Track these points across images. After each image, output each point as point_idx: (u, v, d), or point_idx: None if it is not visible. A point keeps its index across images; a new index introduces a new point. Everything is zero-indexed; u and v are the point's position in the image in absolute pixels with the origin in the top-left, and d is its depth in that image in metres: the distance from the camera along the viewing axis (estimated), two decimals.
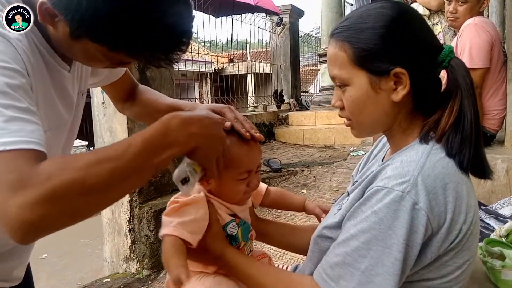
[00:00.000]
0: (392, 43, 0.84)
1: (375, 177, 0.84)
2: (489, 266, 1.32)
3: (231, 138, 0.96)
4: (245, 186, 1.00)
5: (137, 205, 2.86)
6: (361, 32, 0.85)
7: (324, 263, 0.84)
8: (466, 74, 0.87)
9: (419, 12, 3.96)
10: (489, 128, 2.66)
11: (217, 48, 11.23)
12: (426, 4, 3.87)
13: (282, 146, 6.37)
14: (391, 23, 0.84)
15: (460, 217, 0.80)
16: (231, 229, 1.01)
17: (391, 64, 0.84)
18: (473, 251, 0.87)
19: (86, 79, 1.06)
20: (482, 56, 2.51)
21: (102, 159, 0.66)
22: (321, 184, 4.14)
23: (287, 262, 2.39)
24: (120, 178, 0.67)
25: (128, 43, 0.75)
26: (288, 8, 8.60)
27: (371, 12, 0.87)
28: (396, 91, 0.86)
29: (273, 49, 9.00)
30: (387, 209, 0.76)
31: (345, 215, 0.85)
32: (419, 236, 0.76)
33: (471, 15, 2.62)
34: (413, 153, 0.83)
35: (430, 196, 0.76)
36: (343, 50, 0.87)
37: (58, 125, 0.93)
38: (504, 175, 2.42)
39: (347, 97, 0.90)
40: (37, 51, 0.83)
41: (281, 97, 8.25)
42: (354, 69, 0.87)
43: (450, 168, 0.81)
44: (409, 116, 0.90)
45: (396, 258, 0.75)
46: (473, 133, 0.84)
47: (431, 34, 0.91)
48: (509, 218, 1.92)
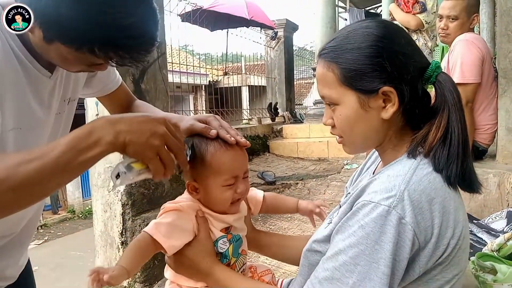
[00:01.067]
0: (379, 62, 0.85)
1: (363, 191, 0.84)
2: (481, 280, 1.33)
3: (216, 145, 0.97)
4: (232, 192, 1.00)
5: (130, 217, 2.84)
6: (348, 53, 0.87)
7: (313, 278, 0.84)
8: (454, 89, 0.88)
9: None
10: (480, 142, 2.69)
11: (212, 61, 11.30)
12: (406, 24, 3.97)
13: (276, 159, 6.37)
14: (377, 43, 0.85)
15: (447, 231, 0.80)
16: (221, 245, 1.01)
17: (379, 83, 0.85)
18: (463, 266, 0.87)
19: (75, 88, 1.11)
20: (473, 72, 2.55)
21: (30, 158, 0.73)
22: (315, 197, 4.14)
23: (282, 276, 2.37)
24: (46, 175, 0.73)
25: (89, 43, 0.81)
26: (283, 23, 8.68)
27: (358, 32, 0.88)
28: (385, 108, 0.87)
29: (268, 62, 9.06)
30: (373, 223, 0.77)
31: (334, 228, 0.86)
32: (406, 250, 0.76)
33: (462, 31, 2.67)
34: (400, 168, 0.84)
35: (416, 210, 0.77)
36: (331, 70, 0.88)
37: (31, 126, 0.97)
38: (496, 189, 2.43)
39: (337, 116, 0.91)
40: (14, 57, 0.89)
41: (276, 110, 8.27)
42: (342, 89, 0.88)
43: (436, 183, 0.82)
44: (400, 131, 0.91)
45: (383, 272, 0.75)
46: (460, 147, 0.85)
47: (417, 51, 0.92)
48: (501, 232, 1.93)
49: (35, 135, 0.99)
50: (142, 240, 0.92)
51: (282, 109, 8.61)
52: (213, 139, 0.97)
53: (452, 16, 2.69)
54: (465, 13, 2.67)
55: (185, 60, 8.31)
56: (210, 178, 0.98)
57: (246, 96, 12.42)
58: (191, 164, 0.96)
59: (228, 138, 0.97)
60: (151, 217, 2.83)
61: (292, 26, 9.04)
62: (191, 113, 7.74)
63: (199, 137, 1.00)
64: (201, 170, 0.98)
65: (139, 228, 2.80)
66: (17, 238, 1.10)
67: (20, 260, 1.17)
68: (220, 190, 0.99)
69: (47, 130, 1.04)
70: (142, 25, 0.83)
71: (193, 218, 0.99)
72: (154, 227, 0.93)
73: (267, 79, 9.25)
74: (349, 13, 10.50)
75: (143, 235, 0.93)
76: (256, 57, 13.05)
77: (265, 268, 1.13)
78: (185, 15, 7.35)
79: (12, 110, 0.90)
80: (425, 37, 3.98)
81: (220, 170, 0.97)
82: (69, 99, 1.10)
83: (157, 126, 0.80)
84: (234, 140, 0.98)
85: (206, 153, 0.97)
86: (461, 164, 0.84)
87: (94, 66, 0.91)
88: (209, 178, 0.98)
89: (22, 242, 1.16)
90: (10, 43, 0.88)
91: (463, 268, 0.88)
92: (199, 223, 0.99)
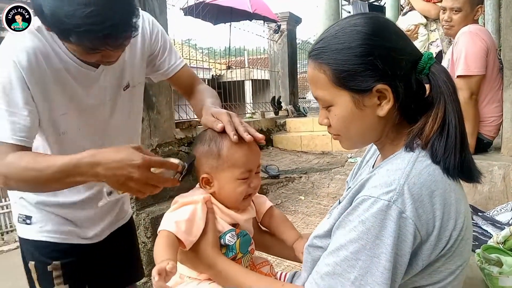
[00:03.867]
0: (370, 61, 0.83)
1: (363, 186, 0.84)
2: (486, 273, 1.32)
3: (229, 140, 0.99)
4: (246, 186, 1.01)
5: (134, 211, 2.85)
6: (339, 53, 0.85)
7: (315, 273, 0.84)
8: (448, 80, 0.87)
9: (416, 20, 4.02)
10: (485, 135, 2.67)
11: (215, 55, 11.27)
12: (426, 13, 3.92)
13: (280, 153, 6.37)
14: (367, 41, 0.84)
15: (449, 223, 0.80)
16: (229, 238, 1.01)
17: (372, 82, 0.84)
18: (466, 256, 0.87)
19: (132, 75, 1.31)
20: (478, 63, 2.53)
21: (32, 168, 1.00)
22: (318, 190, 4.14)
23: (285, 269, 2.38)
24: (40, 184, 1.03)
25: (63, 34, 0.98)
26: (286, 16, 8.64)
27: (346, 30, 0.86)
28: (380, 106, 0.86)
29: (271, 56, 9.03)
30: (374, 218, 0.77)
31: (334, 224, 0.85)
32: (408, 244, 0.76)
33: (466, 23, 2.65)
34: (399, 161, 0.83)
35: (417, 204, 0.77)
36: (322, 72, 0.87)
37: (79, 111, 1.21)
38: (501, 181, 2.42)
39: (333, 116, 0.90)
40: (57, 59, 1.12)
41: (279, 103, 8.26)
42: (335, 90, 0.87)
43: (436, 175, 0.81)
44: (396, 126, 0.90)
45: (384, 267, 0.75)
46: (458, 138, 0.84)
47: (409, 43, 0.90)
48: (506, 225, 1.92)
49: (86, 116, 1.23)
50: (167, 237, 0.94)
51: (285, 102, 8.59)
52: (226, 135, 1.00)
53: (455, 8, 2.66)
54: (468, 5, 2.64)
55: (188, 54, 8.30)
56: (226, 171, 1.00)
57: (249, 90, 12.40)
58: (204, 159, 1.01)
59: (242, 132, 1.00)
60: (155, 211, 2.85)
61: (295, 19, 8.99)
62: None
63: (213, 132, 1.03)
64: (217, 164, 1.00)
65: (144, 222, 2.81)
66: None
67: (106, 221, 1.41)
68: (234, 184, 1.00)
69: (101, 112, 1.27)
70: (103, 13, 0.93)
71: (204, 207, 1.00)
72: (175, 225, 0.94)
73: (270, 72, 9.22)
74: (353, 6, 10.44)
75: (167, 234, 0.94)
76: (259, 51, 13.02)
77: (262, 259, 1.14)
78: (188, 8, 7.34)
79: (60, 100, 1.16)
80: None
81: (237, 163, 0.99)
82: (128, 85, 1.31)
83: (132, 172, 0.94)
84: (237, 138, 0.99)
85: (222, 147, 0.99)
86: (459, 154, 0.83)
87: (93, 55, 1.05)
88: (225, 171, 1.00)
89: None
90: (55, 48, 1.11)
91: (467, 259, 0.88)
92: (207, 216, 1.00)
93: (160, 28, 1.38)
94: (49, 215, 1.31)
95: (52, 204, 1.30)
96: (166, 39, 1.39)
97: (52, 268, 1.32)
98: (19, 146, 1.05)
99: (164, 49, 1.38)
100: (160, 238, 0.94)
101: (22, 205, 1.32)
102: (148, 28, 1.34)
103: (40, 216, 1.31)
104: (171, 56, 1.39)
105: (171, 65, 1.40)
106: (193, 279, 1.02)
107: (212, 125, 1.04)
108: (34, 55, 1.07)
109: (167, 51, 1.38)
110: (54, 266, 1.32)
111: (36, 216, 1.31)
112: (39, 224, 1.31)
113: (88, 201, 1.33)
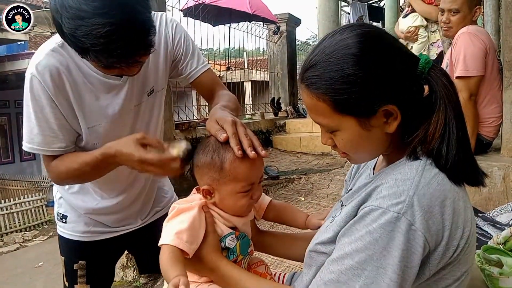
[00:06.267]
0: (369, 85, 0.80)
1: (369, 195, 0.82)
2: (487, 274, 1.32)
3: (232, 153, 0.95)
4: (248, 198, 1.00)
5: None
6: (336, 82, 0.81)
7: (319, 279, 0.83)
8: (449, 83, 0.85)
9: (417, 22, 4.02)
10: (485, 135, 2.67)
11: (215, 56, 11.26)
12: (427, 15, 3.92)
13: (280, 154, 6.37)
14: (361, 65, 0.80)
15: (457, 232, 0.79)
16: (230, 242, 1.01)
17: (376, 104, 0.81)
18: (470, 262, 0.86)
19: (155, 80, 1.35)
20: (476, 64, 2.53)
21: (83, 162, 1.20)
22: (318, 191, 4.14)
23: (285, 270, 2.37)
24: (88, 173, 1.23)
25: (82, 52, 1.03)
26: (285, 17, 8.64)
27: (338, 54, 0.81)
28: (388, 123, 0.84)
29: (270, 57, 9.04)
30: (382, 230, 0.75)
31: (339, 230, 0.84)
32: (417, 256, 0.75)
33: (464, 24, 2.65)
34: (407, 170, 0.81)
35: (427, 215, 0.75)
36: (321, 101, 0.83)
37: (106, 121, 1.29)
38: (501, 182, 2.42)
39: (339, 140, 0.87)
40: (80, 73, 1.21)
41: (279, 104, 8.26)
42: (339, 116, 0.83)
43: (445, 184, 0.80)
44: (400, 134, 0.88)
45: (391, 279, 0.74)
46: (460, 143, 0.82)
47: (403, 50, 0.86)
48: (506, 226, 1.92)
49: (114, 125, 1.30)
50: (172, 252, 0.91)
51: (285, 103, 8.60)
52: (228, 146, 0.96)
53: (453, 10, 2.67)
54: (466, 6, 2.64)
55: None
56: (228, 184, 0.97)
57: (249, 91, 12.40)
58: (206, 169, 0.99)
59: (247, 147, 0.95)
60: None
61: (294, 20, 9.00)
62: (193, 108, 7.74)
63: (216, 142, 0.99)
64: (219, 177, 0.97)
65: None
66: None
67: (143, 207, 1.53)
68: (236, 197, 0.99)
69: (127, 118, 1.33)
70: (117, 33, 0.97)
71: (201, 212, 0.99)
72: (176, 237, 0.92)
73: (269, 73, 9.22)
74: (352, 7, 10.45)
75: (171, 249, 0.91)
76: (258, 52, 13.02)
77: (257, 259, 1.13)
78: (187, 10, 7.34)
79: (88, 113, 1.25)
80: None
81: (239, 177, 0.96)
82: (151, 90, 1.35)
83: (134, 164, 1.10)
84: (241, 153, 0.94)
85: (225, 160, 0.96)
86: (463, 160, 0.82)
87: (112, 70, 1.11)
88: (227, 184, 0.97)
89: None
90: (78, 63, 1.20)
91: (471, 264, 0.87)
92: (206, 220, 0.99)
93: (183, 32, 1.38)
94: (83, 216, 1.45)
95: (86, 209, 1.44)
96: (189, 43, 1.39)
97: (78, 267, 1.47)
98: (57, 156, 1.24)
99: (187, 54, 1.39)
100: (164, 254, 0.91)
101: (61, 205, 1.48)
102: (171, 33, 1.35)
103: (75, 216, 1.46)
104: (193, 61, 1.40)
105: (192, 70, 1.41)
106: (192, 282, 1.01)
107: (215, 134, 0.99)
108: (57, 72, 1.17)
109: (190, 55, 1.40)
110: (80, 265, 1.47)
111: (71, 216, 1.46)
112: (72, 224, 1.46)
113: (118, 206, 1.45)
